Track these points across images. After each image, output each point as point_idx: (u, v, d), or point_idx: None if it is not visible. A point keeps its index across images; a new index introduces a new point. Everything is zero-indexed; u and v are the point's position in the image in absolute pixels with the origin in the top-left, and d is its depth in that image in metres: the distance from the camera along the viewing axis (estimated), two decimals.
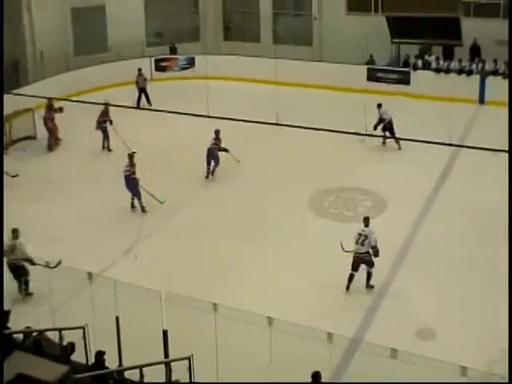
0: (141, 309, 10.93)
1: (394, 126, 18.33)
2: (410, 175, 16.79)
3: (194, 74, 24.55)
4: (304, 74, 23.37)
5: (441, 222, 14.59)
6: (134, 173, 15.53)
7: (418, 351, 8.99)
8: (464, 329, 11.17)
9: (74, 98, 18.73)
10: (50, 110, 19.34)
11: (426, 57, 23.39)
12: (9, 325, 10.21)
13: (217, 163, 17.28)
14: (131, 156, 15.66)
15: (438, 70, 22.87)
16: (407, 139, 11.01)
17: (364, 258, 12.15)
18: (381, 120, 18.27)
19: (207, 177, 17.14)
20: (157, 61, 25.45)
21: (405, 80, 23.02)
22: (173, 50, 26.36)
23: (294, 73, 22.98)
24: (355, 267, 12.21)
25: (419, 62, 23.31)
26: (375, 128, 17.77)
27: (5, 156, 19.00)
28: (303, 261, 13.35)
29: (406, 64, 23.52)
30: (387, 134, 18.23)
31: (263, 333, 9.61)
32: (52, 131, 19.44)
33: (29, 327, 10.03)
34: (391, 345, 8.74)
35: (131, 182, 15.50)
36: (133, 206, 15.74)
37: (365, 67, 23.36)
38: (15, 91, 19.80)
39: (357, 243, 12.14)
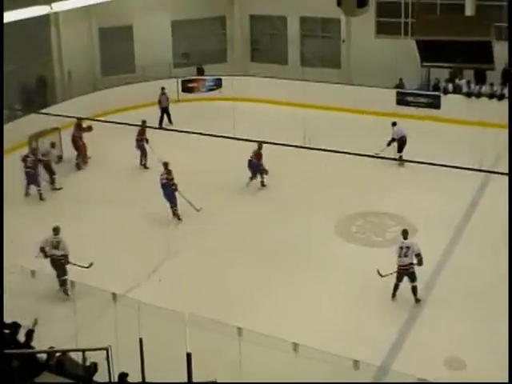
0: (165, 331, 11.05)
1: (406, 145, 18.79)
2: (439, 201, 16.74)
3: (221, 95, 24.86)
4: (332, 96, 23.45)
5: (471, 250, 14.51)
6: (171, 179, 16.16)
7: (447, 380, 8.95)
8: (495, 359, 11.06)
9: (101, 118, 19.01)
10: (79, 129, 19.72)
11: (457, 81, 23.39)
12: (32, 344, 10.37)
13: (261, 173, 17.59)
14: (166, 164, 16.34)
15: (468, 95, 22.85)
16: (436, 164, 11.01)
17: (408, 270, 12.59)
18: (393, 139, 18.89)
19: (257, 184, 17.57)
20: (184, 82, 25.75)
21: (435, 104, 23.04)
22: (200, 71, 26.68)
23: (322, 95, 23.11)
24: (400, 279, 12.75)
25: (450, 86, 23.31)
26: (389, 144, 18.70)
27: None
28: (330, 286, 13.38)
29: (436, 88, 23.53)
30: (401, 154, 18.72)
31: (288, 358, 9.63)
32: (81, 150, 19.80)
33: (52, 347, 10.16)
34: (419, 374, 8.71)
35: (169, 189, 16.08)
36: (174, 215, 16.25)
37: (394, 91, 23.43)
38: (43, 110, 20.26)
39: (400, 256, 12.57)
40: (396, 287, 12.81)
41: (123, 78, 24.87)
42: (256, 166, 17.58)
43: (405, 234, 12.79)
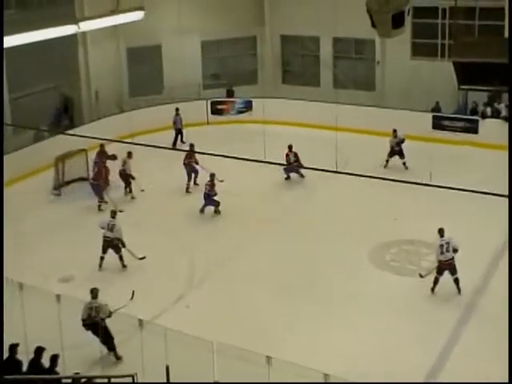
0: (191, 358, 11.21)
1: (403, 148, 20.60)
2: (476, 229, 16.72)
3: (251, 117, 25.04)
4: (365, 120, 23.59)
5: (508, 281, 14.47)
6: (212, 191, 17.73)
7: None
8: None
9: (128, 140, 19.36)
10: (102, 156, 19.88)
11: (496, 104, 23.40)
12: (57, 369, 10.61)
13: None
14: (212, 175, 17.97)
15: (507, 119, 22.84)
16: (474, 191, 11.08)
17: (451, 264, 13.97)
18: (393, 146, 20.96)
19: None
20: (213, 103, 26.05)
21: (473, 129, 23.05)
22: (230, 93, 27.00)
23: (355, 119, 23.24)
24: (441, 273, 14.13)
25: (488, 110, 23.32)
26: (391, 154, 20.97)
27: (56, 197, 19.82)
28: (362, 316, 13.45)
29: (474, 112, 23.56)
30: (396, 158, 20.92)
31: None
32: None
33: (77, 373, 10.40)
34: None
35: (210, 201, 17.81)
36: (216, 212, 18.02)
37: (430, 114, 23.49)
38: (69, 131, 20.69)
39: (442, 252, 13.95)
40: (436, 281, 14.15)
41: (151, 99, 25.31)
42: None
43: (441, 232, 14.21)
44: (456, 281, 14.09)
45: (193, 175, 20.01)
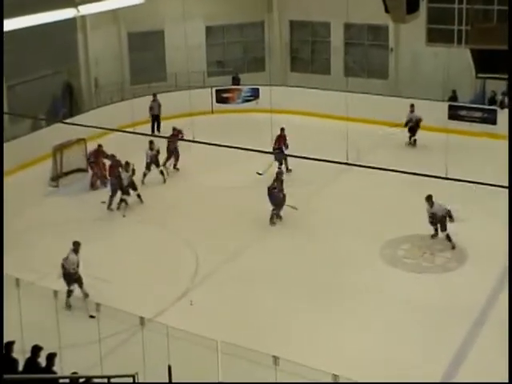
0: (195, 358, 11.24)
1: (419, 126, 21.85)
2: (494, 227, 16.65)
3: (258, 106, 25.03)
4: (378, 109, 23.54)
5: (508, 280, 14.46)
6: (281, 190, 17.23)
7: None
8: None
9: (129, 129, 19.39)
10: (99, 155, 19.83)
11: None
12: (55, 368, 10.65)
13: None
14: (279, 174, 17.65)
15: None
16: (490, 184, 11.05)
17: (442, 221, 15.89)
18: (409, 120, 22.03)
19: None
20: (218, 91, 26.06)
21: (490, 119, 23.00)
22: (235, 81, 26.96)
23: (367, 108, 23.18)
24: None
25: (507, 100, 23.26)
26: (406, 125, 22.17)
27: (54, 189, 19.88)
28: (374, 315, 13.45)
29: (492, 101, 23.49)
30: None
31: None
32: (96, 170, 19.94)
33: (75, 373, 10.43)
34: None
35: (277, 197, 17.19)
36: (278, 217, 17.36)
37: (446, 104, 23.42)
38: (68, 120, 20.77)
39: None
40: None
41: (153, 87, 25.32)
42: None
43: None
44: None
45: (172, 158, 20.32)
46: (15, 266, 14.42)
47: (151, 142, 19.63)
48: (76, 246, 14.05)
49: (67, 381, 10.32)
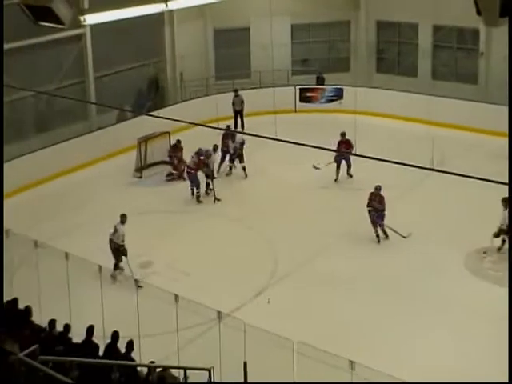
0: (270, 356, 11.30)
1: None
2: None
3: (342, 107, 24.93)
4: (465, 115, 23.00)
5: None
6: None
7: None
8: None
9: (213, 125, 19.68)
10: (175, 150, 20.25)
11: None
12: (133, 356, 10.91)
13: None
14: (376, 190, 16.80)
15: None
16: None
17: None
18: None
19: None
20: (302, 90, 26.04)
21: None
22: (319, 80, 26.87)
23: (454, 113, 22.76)
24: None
25: None
26: None
27: (138, 180, 20.32)
28: (453, 329, 13.25)
29: None
30: None
31: None
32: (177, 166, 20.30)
33: (153, 362, 10.65)
34: None
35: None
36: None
37: None
38: (153, 113, 21.14)
39: None
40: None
41: (238, 84, 25.54)
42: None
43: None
44: None
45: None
46: (96, 251, 14.80)
47: (232, 135, 19.81)
48: (123, 218, 14.72)
49: (145, 369, 10.52)
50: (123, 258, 14.76)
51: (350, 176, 19.68)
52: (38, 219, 17.44)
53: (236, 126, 23.63)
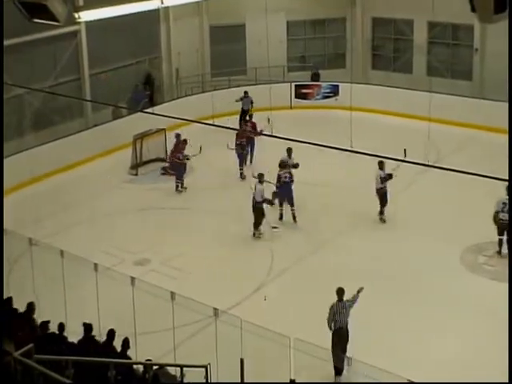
0: (267, 353, 11.27)
1: None
2: None
3: (338, 103, 24.85)
4: (461, 111, 23.04)
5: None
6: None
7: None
8: None
9: (209, 121, 19.58)
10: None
11: None
12: (129, 354, 10.84)
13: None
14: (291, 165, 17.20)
15: None
16: None
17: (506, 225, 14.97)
18: None
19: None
20: (298, 87, 26.01)
21: None
22: (315, 77, 26.86)
23: (449, 109, 22.71)
24: (501, 233, 15.33)
25: None
26: None
27: (133, 177, 20.24)
28: (452, 322, 13.23)
29: None
30: None
31: None
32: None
33: (149, 360, 10.59)
34: None
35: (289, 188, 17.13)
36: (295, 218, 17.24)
37: None
38: (148, 110, 21.06)
39: (503, 211, 14.99)
40: (500, 242, 15.36)
41: (234, 80, 25.46)
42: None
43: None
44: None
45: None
46: (93, 250, 14.73)
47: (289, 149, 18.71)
48: (261, 178, 16.29)
49: (141, 367, 10.46)
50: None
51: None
52: (34, 216, 17.37)
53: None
